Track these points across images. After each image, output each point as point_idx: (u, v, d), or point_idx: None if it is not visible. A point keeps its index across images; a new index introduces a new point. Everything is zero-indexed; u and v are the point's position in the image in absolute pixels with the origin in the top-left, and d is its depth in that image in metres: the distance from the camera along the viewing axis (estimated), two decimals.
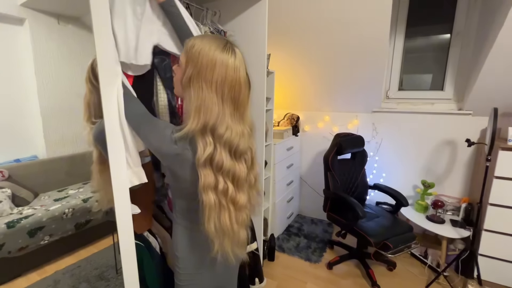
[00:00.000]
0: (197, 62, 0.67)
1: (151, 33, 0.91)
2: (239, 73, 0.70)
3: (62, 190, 2.58)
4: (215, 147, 0.69)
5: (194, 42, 0.69)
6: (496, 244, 1.81)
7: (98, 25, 0.71)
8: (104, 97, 0.74)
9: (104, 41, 0.73)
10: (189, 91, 0.68)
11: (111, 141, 0.77)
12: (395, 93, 2.45)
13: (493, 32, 1.67)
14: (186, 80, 0.69)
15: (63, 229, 2.16)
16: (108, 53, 0.75)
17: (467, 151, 2.18)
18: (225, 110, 0.69)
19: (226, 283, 0.97)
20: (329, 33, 2.09)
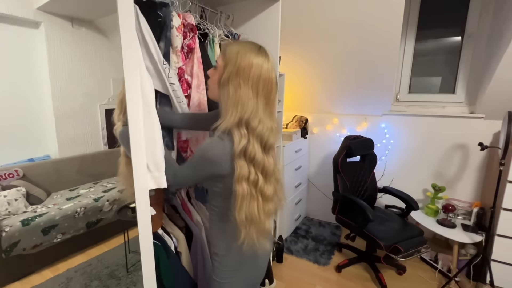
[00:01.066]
0: (236, 62, 0.75)
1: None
2: (271, 74, 0.78)
3: (74, 189, 2.63)
4: (249, 139, 0.75)
5: (232, 47, 0.78)
6: (509, 250, 1.78)
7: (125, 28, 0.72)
8: (129, 102, 0.76)
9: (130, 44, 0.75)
10: (227, 88, 0.76)
11: (134, 145, 0.78)
12: (405, 96, 2.44)
13: (508, 34, 1.66)
14: (225, 79, 0.76)
15: (75, 228, 2.20)
16: (133, 56, 0.77)
17: (479, 155, 2.15)
18: (258, 106, 0.76)
19: (260, 277, 1.01)
20: (339, 36, 2.10)
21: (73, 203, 2.26)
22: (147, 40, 0.86)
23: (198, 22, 1.25)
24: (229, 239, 0.88)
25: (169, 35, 1.02)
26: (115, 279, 1.97)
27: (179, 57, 1.08)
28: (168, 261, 1.08)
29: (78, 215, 2.22)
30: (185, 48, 1.11)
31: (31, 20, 2.45)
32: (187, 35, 1.10)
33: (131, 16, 0.73)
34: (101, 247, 2.40)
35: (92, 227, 2.33)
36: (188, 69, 1.14)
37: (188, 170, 0.84)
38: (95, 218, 2.34)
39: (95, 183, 2.80)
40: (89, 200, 2.35)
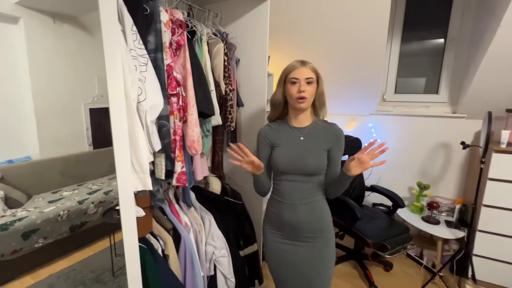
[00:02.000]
0: (322, 80, 1.08)
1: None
2: None
3: (57, 192, 2.53)
4: None
5: (317, 70, 1.10)
6: (490, 245, 1.85)
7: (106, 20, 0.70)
8: (112, 102, 0.73)
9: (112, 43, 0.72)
10: (323, 95, 1.08)
11: (117, 145, 0.76)
12: (392, 96, 2.49)
13: (487, 37, 1.72)
14: (322, 89, 1.08)
15: (58, 232, 2.12)
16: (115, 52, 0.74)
17: (461, 153, 2.23)
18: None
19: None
20: (327, 37, 2.12)
21: (56, 206, 2.17)
22: (126, 33, 0.83)
23: (186, 19, 1.23)
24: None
25: (159, 27, 0.99)
26: (101, 284, 1.91)
27: (167, 53, 1.05)
28: (155, 265, 1.05)
29: (61, 218, 2.14)
30: (174, 44, 1.08)
31: (9, 15, 2.33)
32: (176, 32, 1.08)
33: (113, 11, 0.70)
34: (86, 251, 2.32)
35: (76, 230, 2.25)
36: (177, 66, 1.12)
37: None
38: (79, 221, 2.26)
39: (79, 185, 2.71)
40: (72, 203, 2.26)
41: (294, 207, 1.05)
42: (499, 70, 1.79)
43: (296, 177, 1.04)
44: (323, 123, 1.08)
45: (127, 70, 0.79)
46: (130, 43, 0.84)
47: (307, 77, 1.01)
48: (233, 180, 1.77)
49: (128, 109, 0.80)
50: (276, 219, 1.10)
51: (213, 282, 1.42)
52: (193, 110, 1.07)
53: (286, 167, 1.04)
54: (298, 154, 1.03)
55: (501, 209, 1.79)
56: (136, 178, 0.87)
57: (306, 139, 1.05)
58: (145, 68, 0.87)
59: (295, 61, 1.06)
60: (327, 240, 1.08)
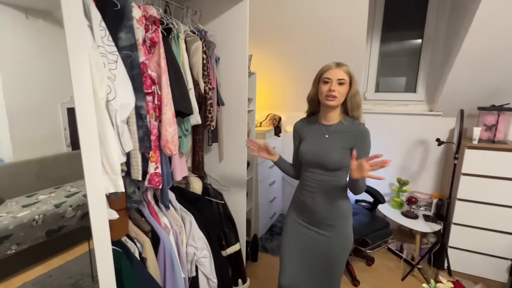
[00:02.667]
0: (356, 82, 1.12)
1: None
2: None
3: (32, 196, 2.41)
4: None
5: (349, 69, 1.13)
6: (464, 237, 1.94)
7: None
8: (78, 101, 0.70)
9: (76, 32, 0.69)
10: (358, 95, 1.11)
11: (85, 146, 0.73)
12: (372, 94, 2.55)
13: (460, 38, 1.79)
14: (357, 89, 1.11)
15: (33, 237, 2.02)
16: (81, 48, 0.71)
17: (438, 150, 2.31)
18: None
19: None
20: (307, 36, 2.14)
21: (30, 210, 2.07)
22: (94, 29, 0.80)
23: (162, 16, 1.20)
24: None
25: (131, 24, 0.95)
26: None
27: (140, 50, 1.02)
28: (132, 268, 1.02)
29: (36, 223, 2.04)
30: (148, 41, 1.06)
31: None
32: (149, 28, 1.05)
33: (77, 4, 0.67)
34: (63, 256, 2.24)
35: (53, 235, 2.16)
36: (151, 64, 1.09)
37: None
38: (56, 225, 2.17)
39: (56, 188, 2.60)
40: (49, 207, 2.17)
41: (314, 195, 1.15)
42: (471, 69, 1.86)
43: (318, 170, 1.13)
44: (349, 123, 1.12)
45: (94, 67, 0.76)
46: (98, 40, 0.81)
47: (339, 78, 1.07)
48: (216, 181, 1.76)
49: (96, 108, 0.76)
50: (299, 202, 1.23)
51: (195, 283, 1.40)
52: (166, 109, 1.05)
53: (309, 160, 1.15)
54: (321, 150, 1.11)
55: (474, 202, 1.87)
56: (107, 180, 0.84)
57: (331, 137, 1.12)
58: (115, 66, 0.84)
59: (332, 62, 1.14)
60: (344, 230, 1.16)
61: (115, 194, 0.89)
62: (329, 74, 1.09)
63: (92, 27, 0.80)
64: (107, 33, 0.84)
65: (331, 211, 1.13)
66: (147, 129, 1.02)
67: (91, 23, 0.80)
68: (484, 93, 1.97)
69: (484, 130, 1.90)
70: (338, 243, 1.16)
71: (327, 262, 1.18)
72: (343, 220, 1.16)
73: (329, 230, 1.15)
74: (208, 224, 1.43)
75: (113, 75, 0.83)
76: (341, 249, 1.18)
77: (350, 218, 1.20)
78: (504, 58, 1.74)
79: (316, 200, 1.14)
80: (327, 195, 1.13)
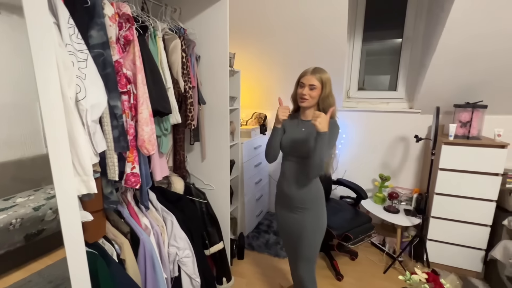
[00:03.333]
0: (329, 83, 1.27)
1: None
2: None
3: (9, 199, 2.32)
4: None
5: (322, 75, 1.25)
6: (442, 229, 2.01)
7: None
8: (43, 100, 0.68)
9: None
10: (331, 97, 1.27)
11: (52, 147, 0.71)
12: (355, 92, 2.60)
13: (436, 38, 1.85)
14: (329, 92, 1.27)
15: (10, 242, 1.95)
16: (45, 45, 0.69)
17: (417, 146, 2.38)
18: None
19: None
20: (289, 35, 2.14)
21: (7, 214, 1.99)
22: (61, 26, 0.77)
23: (138, 14, 1.18)
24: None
25: (102, 21, 0.93)
26: None
27: (114, 49, 1.00)
28: (109, 270, 1.01)
29: (13, 227, 1.97)
30: (121, 40, 1.03)
31: None
32: (123, 26, 1.03)
33: (41, 1, 0.65)
34: (44, 260, 2.17)
35: (32, 239, 2.09)
36: (127, 63, 1.07)
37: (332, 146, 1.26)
38: (35, 229, 2.10)
39: (35, 190, 2.51)
40: (27, 210, 2.09)
41: (289, 182, 1.32)
42: (446, 68, 1.93)
43: (294, 159, 1.30)
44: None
45: (62, 66, 0.74)
46: (66, 38, 0.78)
47: (311, 84, 1.23)
48: (199, 180, 1.75)
49: (65, 108, 0.74)
50: (279, 192, 1.41)
51: (178, 283, 1.40)
52: (143, 109, 1.03)
53: (287, 150, 1.32)
54: (297, 141, 1.29)
55: (451, 196, 1.95)
56: (79, 181, 0.82)
57: (306, 131, 1.29)
58: (85, 65, 0.82)
59: (311, 68, 1.27)
60: (314, 212, 1.32)
61: (88, 195, 0.87)
62: (304, 79, 1.26)
63: (59, 25, 0.78)
64: (76, 30, 0.82)
65: (304, 194, 1.30)
66: (122, 129, 1.00)
67: (58, 20, 0.77)
68: (459, 91, 2.04)
69: (459, 126, 1.97)
70: (310, 223, 1.31)
71: (300, 243, 1.34)
72: (315, 202, 1.31)
73: (303, 212, 1.31)
74: (190, 223, 1.42)
75: (83, 74, 0.81)
76: (312, 229, 1.32)
77: (321, 201, 1.34)
78: (477, 57, 1.81)
79: (291, 186, 1.31)
80: (300, 181, 1.29)
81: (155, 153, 1.26)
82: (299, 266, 1.41)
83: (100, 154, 0.95)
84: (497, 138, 1.85)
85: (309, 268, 1.40)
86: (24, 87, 2.59)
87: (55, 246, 2.28)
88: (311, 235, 1.32)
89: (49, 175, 2.30)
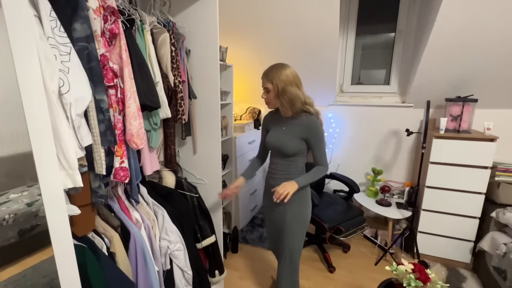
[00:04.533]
0: (279, 81, 1.24)
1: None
2: (294, 72, 1.28)
3: (2, 195, 2.32)
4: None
5: (271, 73, 1.26)
6: (432, 222, 2.05)
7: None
8: (24, 94, 0.68)
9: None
10: (285, 96, 1.25)
11: (35, 141, 0.71)
12: (349, 87, 2.60)
13: (427, 32, 1.85)
14: (281, 92, 1.25)
15: (4, 237, 1.96)
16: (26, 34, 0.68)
17: (409, 140, 2.40)
18: (302, 91, 1.30)
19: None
20: (282, 29, 2.13)
21: (0, 210, 2.00)
22: (43, 19, 0.76)
23: (125, 7, 1.16)
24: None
25: (86, 15, 0.92)
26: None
27: (99, 42, 0.99)
28: (98, 263, 1.01)
29: (6, 222, 1.97)
30: (107, 33, 1.02)
31: None
32: (108, 19, 1.01)
33: None
34: (38, 255, 2.18)
35: (26, 235, 2.10)
36: (113, 56, 1.06)
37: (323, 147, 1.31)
38: (29, 224, 2.11)
39: (29, 186, 2.51)
40: (20, 205, 2.10)
41: (276, 177, 1.38)
42: (438, 62, 1.94)
43: (279, 156, 1.35)
44: (301, 116, 1.29)
45: (43, 59, 0.73)
46: (47, 31, 0.77)
47: (264, 87, 1.29)
48: (191, 174, 1.75)
49: (48, 102, 0.74)
50: (267, 185, 1.47)
51: (170, 276, 1.41)
52: (130, 103, 1.03)
53: (271, 148, 1.39)
54: (280, 139, 1.32)
55: (441, 189, 1.98)
56: (64, 175, 0.82)
57: (287, 128, 1.32)
58: (68, 58, 0.81)
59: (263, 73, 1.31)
60: (296, 205, 1.35)
61: (74, 189, 0.87)
62: (262, 84, 1.31)
63: (40, 17, 0.77)
64: (58, 23, 0.81)
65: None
66: (109, 123, 0.99)
67: (39, 13, 0.76)
68: (451, 85, 2.06)
69: (450, 120, 1.99)
70: (292, 215, 1.35)
71: (283, 234, 1.39)
72: (299, 195, 1.32)
73: (286, 206, 1.33)
74: (182, 217, 1.43)
75: (66, 68, 0.80)
76: (293, 223, 1.36)
77: (305, 194, 1.37)
78: (467, 51, 1.82)
79: (277, 181, 1.35)
80: (285, 176, 1.33)
81: (145, 147, 1.26)
82: (280, 261, 1.45)
83: (88, 148, 0.95)
84: (486, 131, 1.87)
85: (290, 271, 1.43)
86: (13, 82, 2.56)
87: (49, 242, 2.27)
88: (293, 226, 1.36)
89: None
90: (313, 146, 1.29)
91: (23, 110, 0.70)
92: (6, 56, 2.50)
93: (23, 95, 0.68)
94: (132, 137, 1.06)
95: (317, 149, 1.29)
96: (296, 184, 1.25)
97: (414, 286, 1.14)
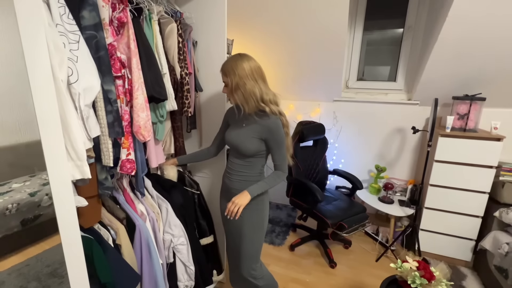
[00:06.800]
0: (235, 73, 1.11)
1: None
2: (257, 64, 1.14)
3: (4, 184, 2.32)
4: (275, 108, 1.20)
5: (226, 65, 1.15)
6: (434, 220, 2.05)
7: None
8: (33, 83, 0.66)
9: None
10: (240, 90, 1.13)
11: (44, 131, 0.69)
12: (354, 83, 2.57)
13: (437, 28, 1.82)
14: (235, 87, 1.13)
15: (7, 226, 1.97)
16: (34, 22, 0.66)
17: (414, 138, 2.39)
18: (261, 86, 1.13)
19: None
20: (289, 22, 2.10)
21: (2, 199, 2.00)
22: (51, 5, 0.74)
23: None
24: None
25: (94, 2, 0.89)
26: (57, 278, 1.82)
27: (107, 31, 0.97)
28: (104, 255, 1.01)
29: (9, 212, 1.98)
30: (115, 22, 1.00)
31: None
32: (117, 7, 0.99)
33: None
34: (41, 245, 2.19)
35: (28, 224, 2.10)
36: (121, 46, 1.04)
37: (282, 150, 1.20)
38: (31, 214, 2.11)
39: (31, 176, 2.51)
40: (23, 195, 2.10)
41: (231, 176, 1.28)
42: (447, 59, 1.91)
43: (237, 155, 1.26)
44: (262, 115, 1.17)
45: (52, 47, 0.71)
46: (56, 18, 0.75)
47: (223, 81, 1.19)
48: (196, 168, 1.74)
49: (56, 91, 0.73)
50: (222, 184, 1.38)
51: (172, 269, 1.42)
52: (138, 94, 1.01)
53: (230, 146, 1.29)
54: (239, 138, 1.22)
55: (445, 187, 1.98)
56: (72, 166, 0.81)
57: (246, 127, 1.21)
58: (77, 46, 0.80)
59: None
60: (254, 212, 1.26)
61: (82, 181, 0.86)
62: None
63: (49, 3, 0.75)
64: (67, 10, 0.79)
65: (243, 189, 1.21)
66: (117, 114, 0.98)
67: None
68: (458, 83, 2.03)
69: (457, 118, 1.97)
70: (247, 225, 1.26)
71: (241, 238, 1.29)
72: (255, 203, 1.23)
73: (242, 214, 1.21)
74: (185, 212, 1.43)
75: (74, 56, 0.79)
76: (251, 231, 1.27)
77: (260, 203, 1.27)
78: (477, 48, 1.79)
79: (232, 180, 1.27)
80: (241, 178, 1.25)
81: (151, 139, 1.24)
82: (241, 267, 1.33)
83: (95, 139, 0.94)
84: (493, 131, 1.86)
85: (255, 267, 1.33)
86: (17, 71, 2.53)
87: (52, 231, 2.30)
88: (251, 229, 1.27)
89: (45, 161, 2.27)
90: (272, 148, 1.19)
91: (29, 99, 0.68)
92: (7, 47, 2.46)
93: (32, 83, 0.66)
94: (140, 129, 1.05)
95: (277, 152, 1.19)
96: (249, 195, 1.16)
97: (418, 283, 1.14)
